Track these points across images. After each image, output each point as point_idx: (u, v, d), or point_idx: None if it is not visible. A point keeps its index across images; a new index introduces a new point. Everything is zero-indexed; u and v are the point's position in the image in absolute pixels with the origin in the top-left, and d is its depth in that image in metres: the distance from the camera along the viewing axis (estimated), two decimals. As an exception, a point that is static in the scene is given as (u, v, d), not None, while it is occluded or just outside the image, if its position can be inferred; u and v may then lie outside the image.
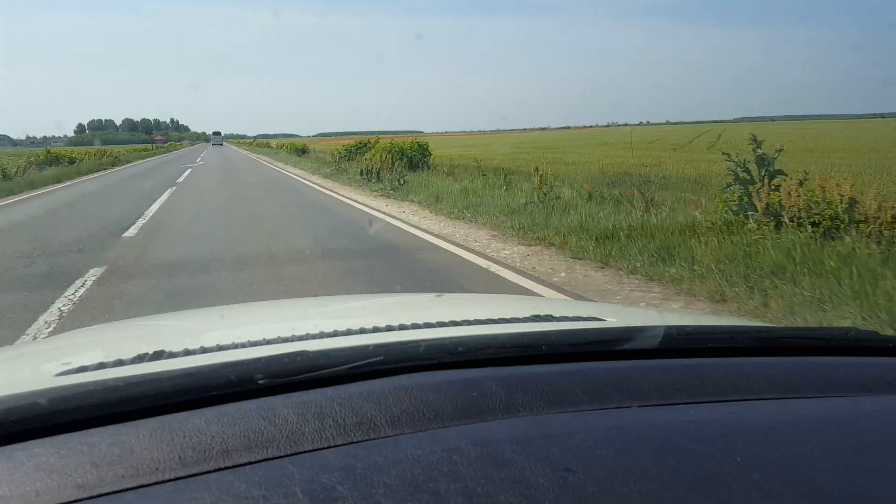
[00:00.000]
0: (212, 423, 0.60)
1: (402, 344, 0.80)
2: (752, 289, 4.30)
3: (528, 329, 1.10)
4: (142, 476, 0.54)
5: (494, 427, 0.63)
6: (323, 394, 0.67)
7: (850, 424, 0.69)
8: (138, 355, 0.89)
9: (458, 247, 6.57)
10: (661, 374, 0.77)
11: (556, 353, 0.82)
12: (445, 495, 0.51)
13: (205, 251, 6.69)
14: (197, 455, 0.56)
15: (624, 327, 0.98)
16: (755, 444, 0.62)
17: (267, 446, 0.58)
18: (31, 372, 1.07)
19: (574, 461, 0.57)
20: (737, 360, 0.85)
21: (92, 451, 0.56)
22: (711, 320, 1.69)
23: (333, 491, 0.51)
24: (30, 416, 0.61)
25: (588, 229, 6.49)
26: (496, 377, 0.72)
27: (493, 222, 7.84)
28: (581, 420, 0.67)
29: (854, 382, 0.81)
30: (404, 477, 0.54)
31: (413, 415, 0.64)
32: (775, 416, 0.70)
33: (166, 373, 0.68)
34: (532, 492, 0.52)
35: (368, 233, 7.94)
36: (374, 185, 13.79)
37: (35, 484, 0.53)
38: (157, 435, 0.59)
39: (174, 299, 4.61)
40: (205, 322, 1.56)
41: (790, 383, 0.79)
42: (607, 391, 0.72)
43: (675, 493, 0.54)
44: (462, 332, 0.97)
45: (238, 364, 0.70)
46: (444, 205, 9.70)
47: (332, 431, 0.61)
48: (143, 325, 1.72)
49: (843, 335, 0.97)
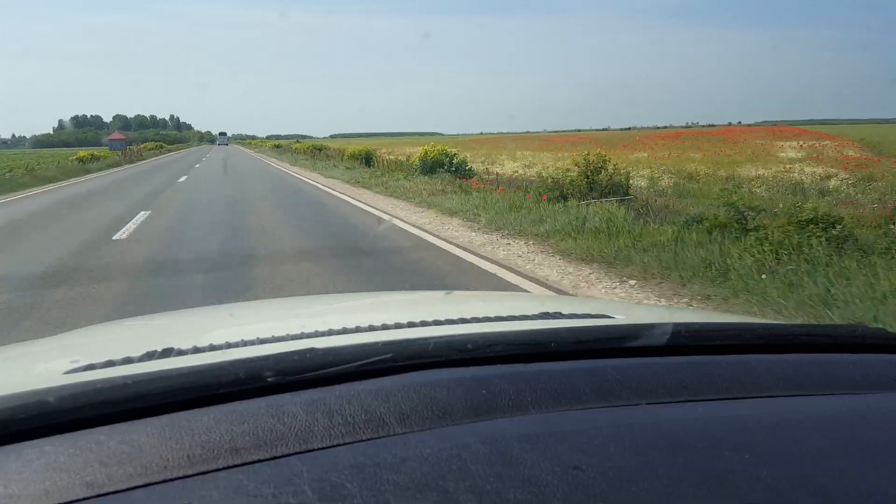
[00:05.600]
0: (221, 421, 0.61)
1: (410, 341, 0.80)
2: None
3: (536, 326, 1.10)
4: (151, 474, 0.54)
5: (503, 425, 0.63)
6: (332, 391, 0.67)
7: (857, 422, 0.69)
8: (147, 353, 0.89)
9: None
10: (670, 372, 0.77)
11: (564, 350, 0.82)
12: (454, 493, 0.51)
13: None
14: (206, 453, 0.57)
15: (632, 325, 0.98)
16: (763, 441, 0.62)
17: (276, 444, 0.58)
18: (39, 370, 1.08)
19: (583, 459, 0.57)
20: (745, 357, 0.85)
21: (101, 450, 0.57)
22: (720, 318, 1.69)
23: (342, 489, 0.51)
24: (38, 414, 0.61)
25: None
26: (505, 374, 0.72)
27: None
28: (590, 417, 0.67)
29: (862, 380, 0.80)
30: (413, 475, 0.54)
31: (422, 412, 0.64)
32: (783, 414, 0.70)
33: (175, 370, 0.68)
34: (541, 489, 0.52)
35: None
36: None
37: (44, 482, 0.53)
38: (166, 433, 0.59)
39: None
40: (213, 319, 1.56)
41: (798, 381, 0.79)
42: (616, 389, 0.72)
43: (684, 491, 0.54)
44: (471, 330, 0.97)
45: (247, 362, 0.70)
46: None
47: (342, 429, 0.61)
48: (152, 323, 1.73)
49: (851, 332, 0.96)
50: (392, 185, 13.63)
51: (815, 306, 3.97)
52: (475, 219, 8.49)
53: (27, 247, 7.61)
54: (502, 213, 8.43)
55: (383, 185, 13.94)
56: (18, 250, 7.45)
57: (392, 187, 13.34)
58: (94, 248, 7.12)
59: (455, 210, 9.29)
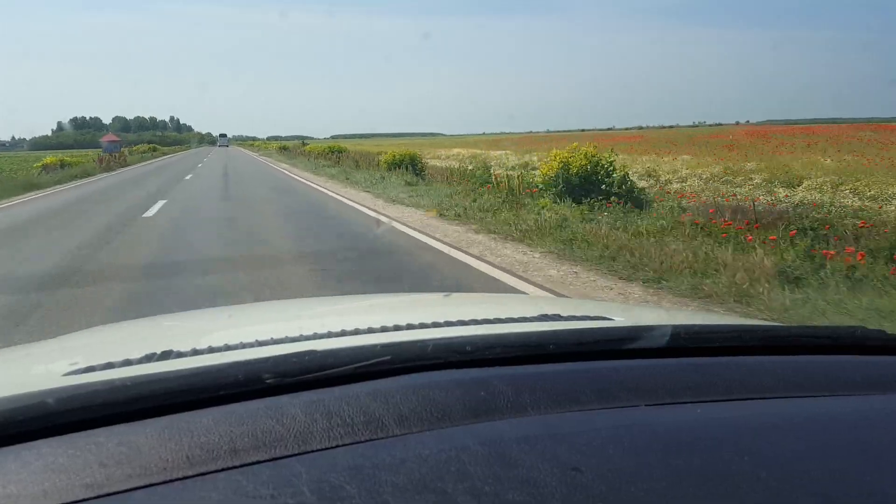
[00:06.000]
0: (220, 423, 0.61)
1: (409, 343, 0.80)
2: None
3: (536, 328, 1.10)
4: (150, 475, 0.54)
5: (502, 426, 0.63)
6: (331, 393, 0.67)
7: (857, 423, 0.69)
8: (146, 355, 0.89)
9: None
10: (669, 373, 0.77)
11: (564, 352, 0.82)
12: (453, 494, 0.51)
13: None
14: (205, 454, 0.57)
15: (632, 326, 0.98)
16: (763, 443, 0.62)
17: (275, 445, 0.58)
18: (39, 372, 1.08)
19: (582, 460, 0.57)
20: (744, 359, 0.85)
21: (100, 451, 0.57)
22: (719, 320, 1.69)
23: (341, 490, 0.51)
24: (38, 415, 0.61)
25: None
26: (504, 376, 0.72)
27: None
28: (589, 419, 0.67)
29: (861, 381, 0.80)
30: (412, 476, 0.54)
31: (421, 414, 0.64)
32: (783, 415, 0.70)
33: (174, 372, 0.68)
34: (540, 491, 0.52)
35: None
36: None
37: (43, 483, 0.53)
38: (166, 434, 0.59)
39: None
40: (212, 321, 1.56)
41: (797, 382, 0.79)
42: (615, 390, 0.72)
43: (683, 492, 0.54)
44: (470, 332, 0.97)
45: (246, 363, 0.70)
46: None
47: (340, 431, 0.61)
48: (151, 324, 1.73)
49: (851, 334, 0.96)
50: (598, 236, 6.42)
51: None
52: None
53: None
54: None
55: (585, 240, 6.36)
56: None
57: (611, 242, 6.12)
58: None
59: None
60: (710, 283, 4.66)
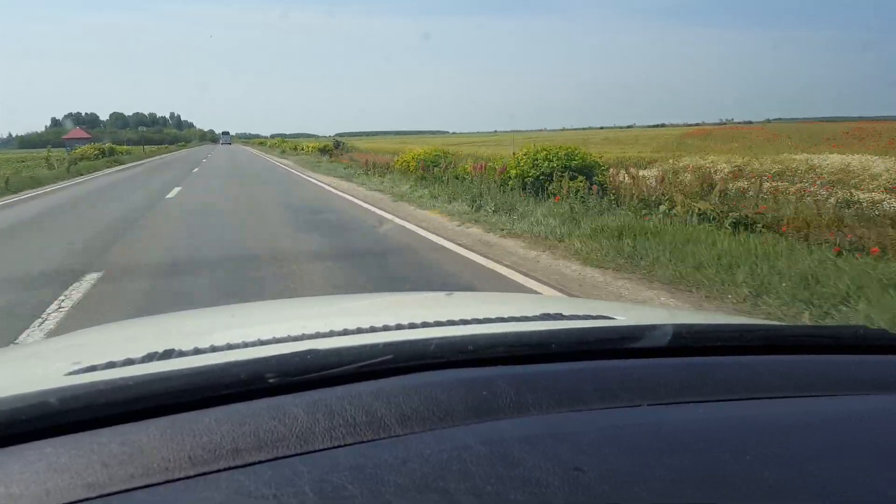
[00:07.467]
0: (222, 422, 0.61)
1: (412, 342, 0.80)
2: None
3: (537, 328, 1.10)
4: (152, 475, 0.54)
5: (504, 426, 0.63)
6: (333, 393, 0.67)
7: (859, 423, 0.69)
8: (148, 354, 0.89)
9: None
10: (671, 373, 0.77)
11: (565, 351, 0.82)
12: (455, 494, 0.51)
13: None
14: (207, 454, 0.57)
15: (633, 326, 0.98)
16: (765, 443, 0.62)
17: (277, 445, 0.58)
18: (40, 371, 1.08)
19: (584, 460, 0.57)
20: (746, 358, 0.85)
21: (102, 451, 0.57)
22: (721, 319, 1.68)
23: (343, 490, 0.51)
24: (40, 415, 0.61)
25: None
26: (506, 376, 0.72)
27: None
28: (591, 419, 0.66)
29: (864, 381, 0.80)
30: (414, 476, 0.54)
31: (423, 413, 0.64)
32: (785, 415, 0.70)
33: (176, 372, 0.68)
34: (542, 491, 0.52)
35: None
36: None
37: (45, 483, 0.53)
38: (167, 434, 0.59)
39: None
40: (214, 321, 1.56)
41: (799, 382, 0.78)
42: (617, 390, 0.72)
43: (685, 491, 0.54)
44: (472, 331, 0.97)
45: (248, 363, 0.70)
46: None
47: (342, 430, 0.61)
48: (153, 324, 1.73)
49: (853, 334, 0.96)
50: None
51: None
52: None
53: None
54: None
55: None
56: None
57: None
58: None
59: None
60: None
